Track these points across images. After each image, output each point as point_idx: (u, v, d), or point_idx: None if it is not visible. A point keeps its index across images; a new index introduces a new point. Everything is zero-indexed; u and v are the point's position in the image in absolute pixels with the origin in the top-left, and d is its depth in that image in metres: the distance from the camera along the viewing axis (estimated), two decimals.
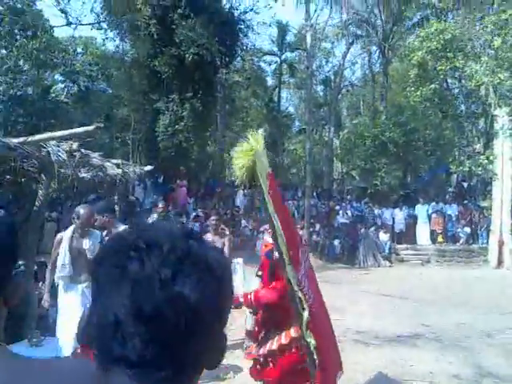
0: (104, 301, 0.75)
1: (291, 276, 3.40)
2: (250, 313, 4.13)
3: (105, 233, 5.30)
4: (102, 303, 0.75)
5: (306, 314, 3.44)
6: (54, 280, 5.22)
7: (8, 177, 8.21)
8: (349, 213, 18.46)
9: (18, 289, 0.98)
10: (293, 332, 3.84)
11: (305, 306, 3.44)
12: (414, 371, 5.87)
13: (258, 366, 3.92)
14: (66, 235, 4.99)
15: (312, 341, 3.42)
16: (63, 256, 4.90)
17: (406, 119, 20.91)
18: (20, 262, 9.24)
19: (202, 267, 0.77)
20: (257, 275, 4.15)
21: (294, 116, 37.05)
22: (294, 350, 3.86)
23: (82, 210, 4.97)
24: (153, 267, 0.74)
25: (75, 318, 3.96)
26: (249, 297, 4.31)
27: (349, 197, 21.11)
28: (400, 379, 5.62)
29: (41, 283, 7.91)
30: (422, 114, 21.04)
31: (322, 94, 33.82)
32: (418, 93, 18.94)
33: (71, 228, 5.03)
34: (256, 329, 4.04)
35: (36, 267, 7.86)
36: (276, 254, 3.71)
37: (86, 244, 4.93)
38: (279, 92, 32.05)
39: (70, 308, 4.66)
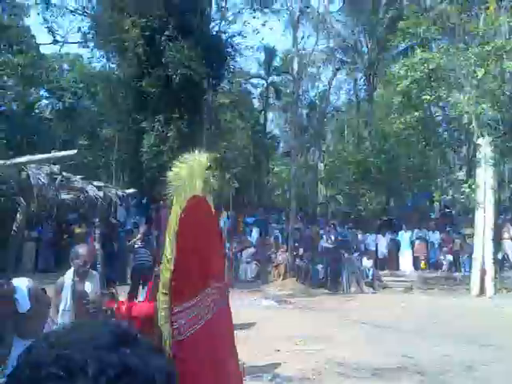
0: None
1: (161, 305, 3.17)
2: None
3: None
4: None
5: (167, 349, 3.30)
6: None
7: None
8: (332, 237, 18.43)
9: None
10: None
11: (167, 342, 3.26)
12: None
13: None
14: (67, 279, 4.68)
15: None
16: (65, 302, 4.62)
17: (389, 146, 21.10)
18: None
19: (140, 382, 0.63)
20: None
21: (280, 138, 37.24)
22: None
23: (80, 249, 4.67)
24: None
25: None
26: (121, 308, 4.16)
27: (333, 221, 21.12)
28: None
29: None
30: (405, 141, 21.23)
31: (307, 117, 34.09)
32: (402, 120, 19.12)
33: (71, 271, 4.73)
34: None
35: None
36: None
37: (89, 287, 4.66)
38: (265, 114, 32.27)
39: None
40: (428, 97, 17.86)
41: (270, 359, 7.69)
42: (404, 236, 18.61)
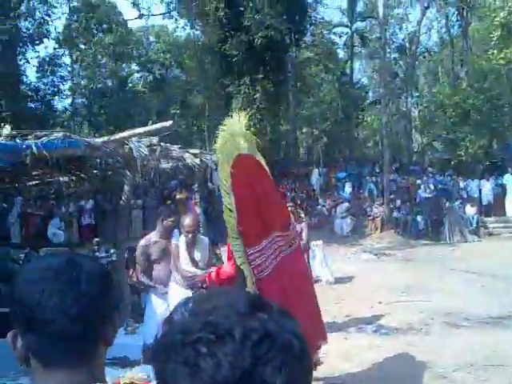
0: None
1: (236, 249, 3.56)
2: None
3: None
4: None
5: (251, 287, 3.57)
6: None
7: (95, 171, 8.64)
8: (431, 186, 17.74)
9: (115, 327, 1.05)
10: None
11: (252, 280, 3.57)
12: (509, 355, 5.60)
13: None
14: (181, 243, 5.04)
15: None
16: (186, 263, 4.99)
17: (489, 84, 19.63)
18: (112, 251, 9.78)
19: (280, 347, 0.66)
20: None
21: (368, 87, 35.93)
22: None
23: (186, 219, 4.99)
24: (230, 364, 0.63)
25: None
26: (212, 275, 4.38)
27: (430, 169, 20.26)
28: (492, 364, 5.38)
29: (131, 271, 8.35)
30: (506, 78, 19.65)
31: (397, 62, 32.44)
32: (502, 55, 17.68)
33: (183, 236, 5.07)
34: None
35: (126, 255, 8.15)
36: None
37: (198, 255, 5.00)
38: (351, 64, 31.14)
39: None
40: None
41: (373, 311, 7.75)
42: (510, 179, 17.46)
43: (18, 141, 5.36)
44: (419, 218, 16.55)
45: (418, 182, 18.48)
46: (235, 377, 0.63)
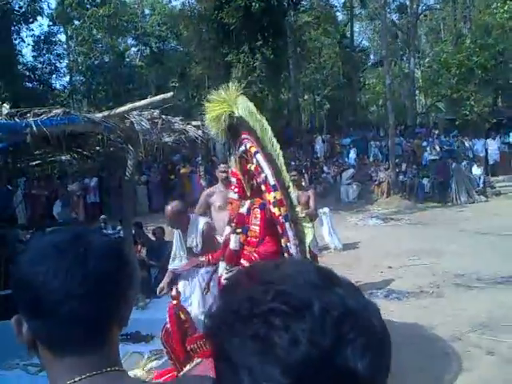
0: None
1: (294, 200, 3.74)
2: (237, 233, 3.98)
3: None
4: None
5: (309, 231, 3.82)
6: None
7: (97, 148, 8.53)
8: (437, 148, 17.56)
9: (130, 306, 0.96)
10: None
11: (307, 225, 3.80)
12: None
13: None
14: (175, 233, 4.83)
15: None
16: (174, 249, 4.79)
17: (493, 40, 19.18)
18: (119, 227, 9.74)
19: (362, 328, 0.58)
20: (236, 232, 3.94)
21: (369, 50, 35.28)
22: None
23: (167, 207, 4.62)
24: (309, 341, 0.55)
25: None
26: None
27: (436, 131, 20.00)
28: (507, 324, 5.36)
29: (139, 246, 8.35)
30: (511, 32, 19.19)
31: (397, 22, 31.73)
32: (506, 8, 17.21)
33: None
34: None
35: (133, 231, 8.11)
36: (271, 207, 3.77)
37: (192, 240, 4.67)
38: (351, 26, 30.46)
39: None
40: None
41: (383, 276, 7.74)
42: None
43: (17, 119, 5.25)
44: (425, 181, 16.42)
45: (424, 144, 18.29)
46: (313, 356, 0.54)
